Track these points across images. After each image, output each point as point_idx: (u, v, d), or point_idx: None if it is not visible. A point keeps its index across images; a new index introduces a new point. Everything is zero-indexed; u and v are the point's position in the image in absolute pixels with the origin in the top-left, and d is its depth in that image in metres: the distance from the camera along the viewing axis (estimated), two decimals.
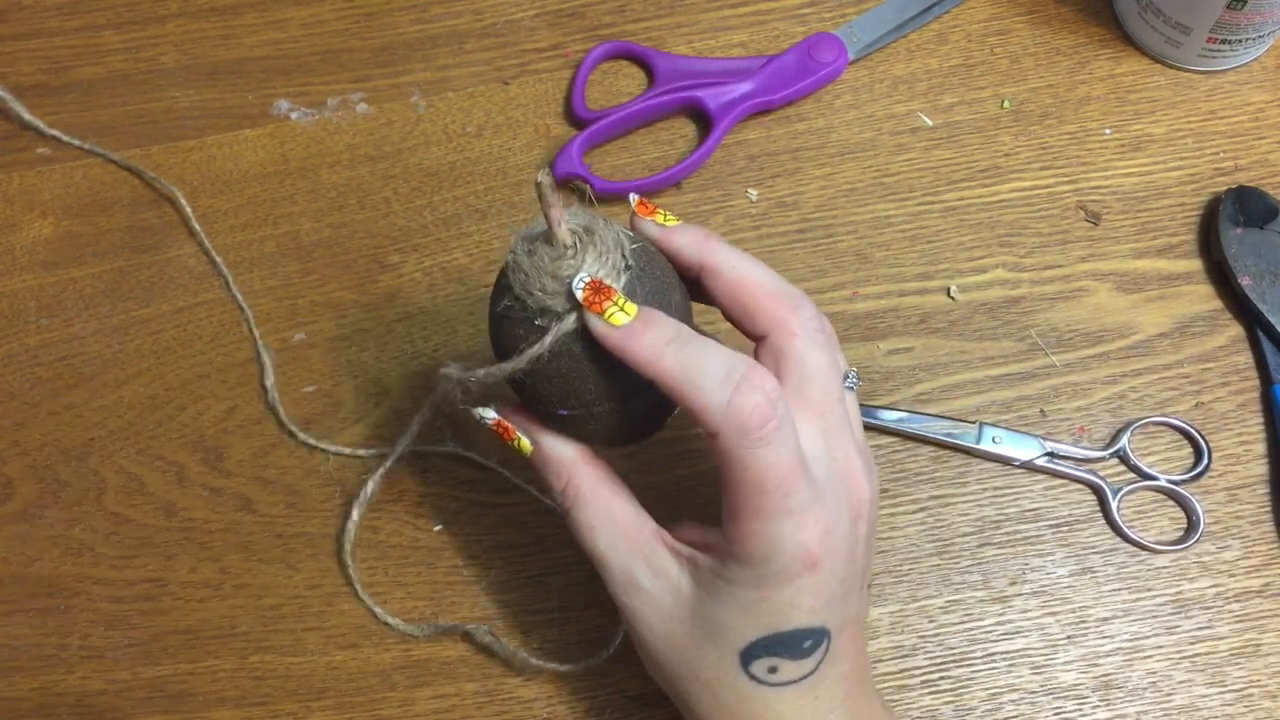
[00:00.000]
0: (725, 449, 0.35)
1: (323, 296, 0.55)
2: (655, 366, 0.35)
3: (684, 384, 0.35)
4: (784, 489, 0.35)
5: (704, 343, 0.36)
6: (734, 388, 0.34)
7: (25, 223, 0.57)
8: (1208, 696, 0.47)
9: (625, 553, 0.39)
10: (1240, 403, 0.51)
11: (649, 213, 0.40)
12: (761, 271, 0.39)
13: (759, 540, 0.35)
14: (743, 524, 0.36)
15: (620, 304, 0.36)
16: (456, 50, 0.60)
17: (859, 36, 0.59)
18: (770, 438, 0.35)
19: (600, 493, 0.40)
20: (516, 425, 0.40)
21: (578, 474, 0.40)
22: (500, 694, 0.48)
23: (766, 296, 0.39)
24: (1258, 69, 0.58)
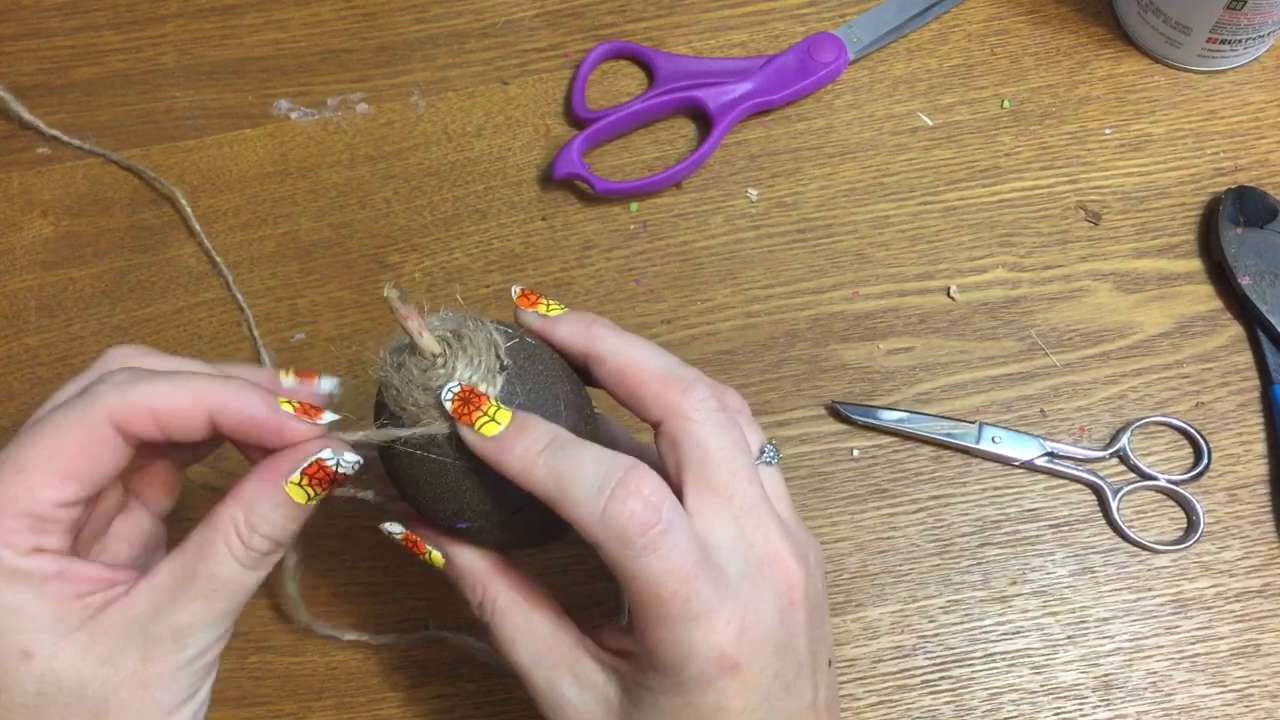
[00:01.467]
0: (610, 560, 0.33)
1: (323, 296, 0.55)
2: (528, 478, 0.34)
3: (557, 495, 0.33)
4: (681, 595, 0.33)
5: (580, 448, 0.34)
6: (608, 496, 0.33)
7: (25, 223, 0.57)
8: (1208, 696, 0.47)
9: (549, 666, 0.37)
10: (1240, 403, 0.51)
11: (531, 304, 0.38)
12: (649, 355, 0.37)
13: (667, 648, 0.33)
14: (648, 633, 0.33)
15: (491, 413, 0.34)
16: (456, 50, 0.60)
17: (859, 36, 0.59)
18: (656, 544, 0.33)
19: (518, 604, 0.37)
20: (425, 539, 0.38)
21: (492, 586, 0.38)
22: (500, 694, 0.48)
23: (655, 381, 0.36)
24: (1258, 69, 0.58)
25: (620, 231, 0.56)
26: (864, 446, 0.51)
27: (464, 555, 0.38)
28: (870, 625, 0.48)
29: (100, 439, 0.34)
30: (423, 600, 0.49)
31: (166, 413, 0.34)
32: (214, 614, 0.35)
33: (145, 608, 0.34)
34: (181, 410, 0.34)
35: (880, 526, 0.50)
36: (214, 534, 0.34)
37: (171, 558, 0.35)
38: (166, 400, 0.34)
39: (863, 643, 0.48)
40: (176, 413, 0.34)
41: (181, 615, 0.34)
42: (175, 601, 0.34)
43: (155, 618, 0.34)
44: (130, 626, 0.34)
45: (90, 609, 0.34)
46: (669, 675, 0.34)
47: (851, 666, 0.47)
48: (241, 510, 0.34)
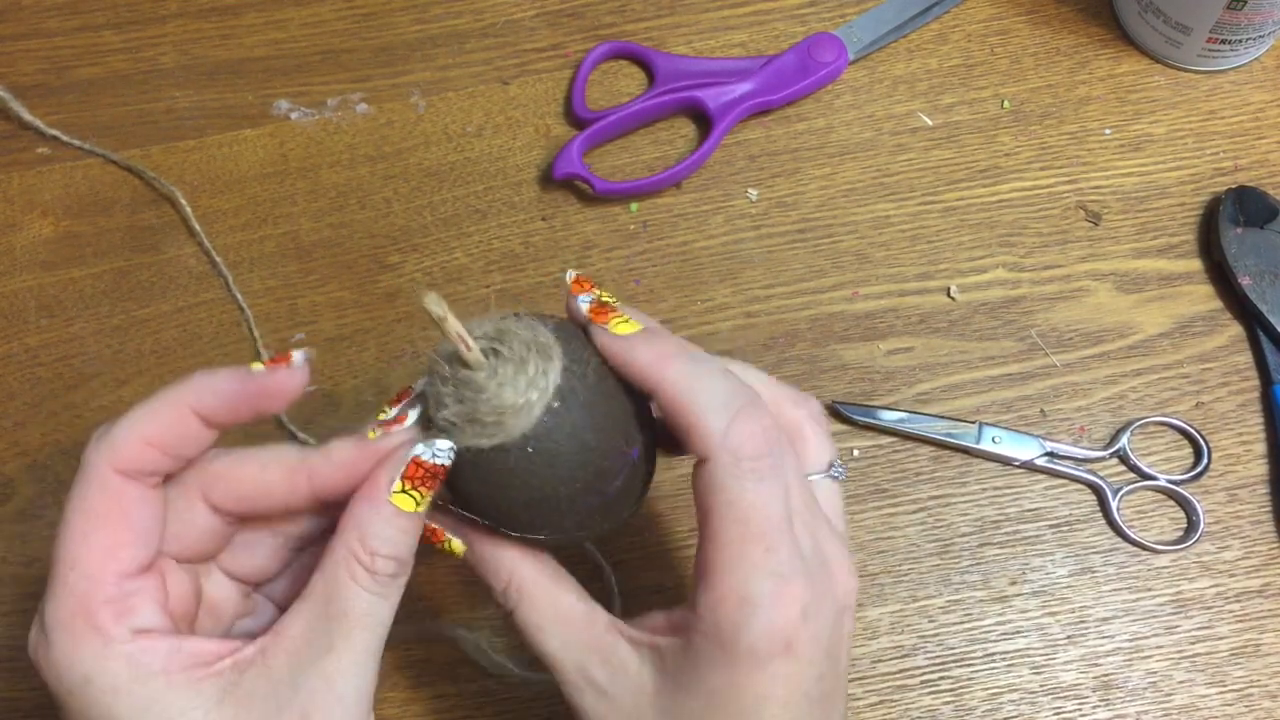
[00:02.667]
0: (714, 479, 0.32)
1: (323, 296, 0.55)
2: (660, 375, 0.33)
3: (684, 397, 0.33)
4: (768, 539, 0.32)
5: (710, 361, 0.34)
6: (735, 410, 0.33)
7: (25, 223, 0.57)
8: (1208, 696, 0.47)
9: (579, 650, 0.35)
10: (1240, 403, 0.51)
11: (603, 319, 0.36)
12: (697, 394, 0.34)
13: (733, 603, 0.32)
14: (721, 580, 0.32)
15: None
16: (456, 50, 0.60)
17: (859, 36, 0.59)
18: (764, 472, 0.32)
19: (546, 589, 0.36)
20: (444, 526, 0.36)
21: (519, 571, 0.36)
22: (500, 694, 0.48)
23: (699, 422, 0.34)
24: (1258, 69, 0.58)
25: (620, 231, 0.56)
26: (864, 446, 0.51)
27: (487, 541, 0.37)
28: (870, 625, 0.48)
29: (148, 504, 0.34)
30: (421, 599, 0.49)
31: (247, 485, 0.34)
32: (359, 653, 0.33)
33: (287, 665, 0.33)
34: (266, 482, 0.35)
35: (880, 526, 0.50)
36: (336, 571, 0.33)
37: (297, 609, 0.33)
38: (245, 472, 0.35)
39: (863, 643, 0.48)
40: (259, 485, 0.35)
41: (330, 663, 0.33)
42: (318, 650, 0.33)
43: (302, 671, 0.32)
44: (278, 686, 0.32)
45: (224, 679, 0.32)
46: (722, 643, 0.32)
47: (852, 666, 0.47)
48: (356, 538, 0.33)
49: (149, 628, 0.33)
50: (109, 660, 0.32)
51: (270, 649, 0.33)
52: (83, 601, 0.32)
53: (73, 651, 0.32)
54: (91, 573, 0.32)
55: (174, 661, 0.32)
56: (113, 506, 0.33)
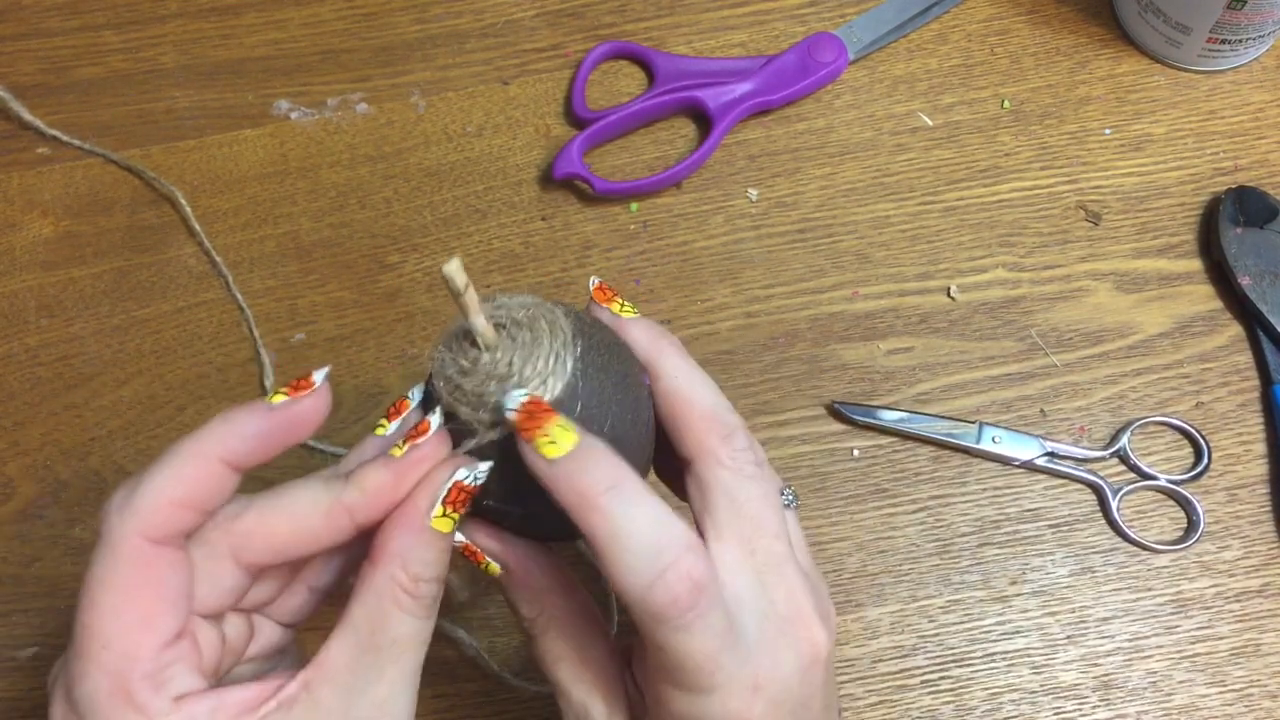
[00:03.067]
0: (639, 624, 0.31)
1: (323, 296, 0.55)
2: (581, 516, 0.31)
3: (605, 546, 0.31)
4: (704, 670, 0.31)
5: (641, 501, 0.31)
6: (659, 573, 0.31)
7: (25, 223, 0.57)
8: (1208, 696, 0.47)
9: (587, 689, 0.35)
10: (1240, 403, 0.51)
11: (606, 300, 0.37)
12: (703, 390, 0.36)
13: (682, 712, 0.32)
14: (663, 696, 0.32)
15: (554, 435, 0.31)
16: (456, 50, 0.60)
17: (859, 36, 0.59)
18: (691, 625, 0.31)
19: (574, 625, 0.36)
20: (484, 547, 0.36)
21: (552, 602, 0.36)
22: (500, 694, 0.48)
23: (700, 419, 0.35)
24: (1258, 69, 0.58)
25: (620, 231, 0.56)
26: (864, 446, 0.51)
27: (526, 569, 0.36)
28: (870, 625, 0.48)
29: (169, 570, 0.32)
30: None
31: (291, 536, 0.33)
32: (407, 676, 0.33)
33: (335, 696, 0.32)
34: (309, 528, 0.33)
35: (880, 526, 0.50)
36: (379, 600, 0.32)
37: (338, 640, 0.33)
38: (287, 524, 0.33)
39: (863, 643, 0.48)
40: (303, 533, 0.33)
41: (379, 690, 0.32)
42: (367, 679, 0.32)
43: (353, 701, 0.32)
44: (330, 717, 0.32)
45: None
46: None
47: (851, 666, 0.47)
48: (399, 566, 0.32)
49: (187, 692, 0.32)
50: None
51: (315, 682, 0.32)
52: (119, 680, 0.31)
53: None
54: (128, 651, 0.31)
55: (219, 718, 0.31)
56: (144, 577, 0.31)
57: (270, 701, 0.32)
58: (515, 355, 0.32)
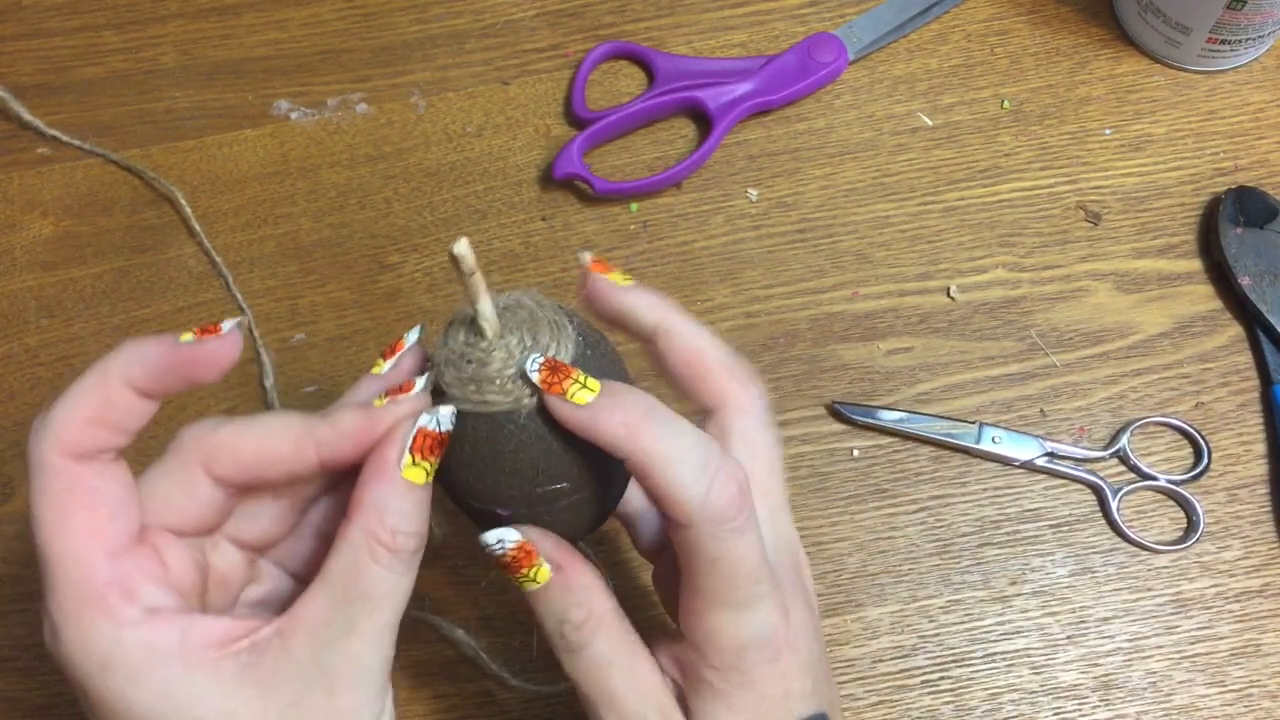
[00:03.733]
0: (697, 541, 0.32)
1: (323, 296, 0.55)
2: (630, 445, 0.32)
3: (659, 467, 0.32)
4: (754, 577, 0.33)
5: (679, 421, 0.33)
6: (712, 476, 0.32)
7: (25, 223, 0.57)
8: (1208, 696, 0.47)
9: (641, 697, 0.35)
10: (1240, 403, 0.51)
11: (604, 270, 0.37)
12: (714, 341, 0.37)
13: (729, 636, 0.33)
14: (709, 622, 0.33)
15: (582, 380, 0.33)
16: (456, 50, 0.60)
17: (859, 36, 0.59)
18: (743, 528, 0.33)
19: (622, 627, 0.35)
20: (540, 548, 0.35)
21: (601, 604, 0.35)
22: (500, 694, 0.48)
23: (720, 369, 0.37)
24: (1258, 69, 0.58)
25: (620, 231, 0.56)
26: (864, 446, 0.51)
27: (582, 569, 0.35)
28: (870, 625, 0.48)
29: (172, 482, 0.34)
30: (419, 599, 0.49)
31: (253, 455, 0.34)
32: (382, 630, 0.33)
33: (308, 646, 0.32)
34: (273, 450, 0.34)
35: (880, 526, 0.50)
36: (356, 553, 0.33)
37: (314, 592, 0.33)
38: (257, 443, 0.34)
39: (863, 643, 0.48)
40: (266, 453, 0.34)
41: (354, 642, 0.33)
42: (340, 630, 0.32)
43: (324, 651, 0.32)
44: (300, 667, 0.32)
45: (242, 660, 0.32)
46: (733, 668, 0.34)
47: (851, 666, 0.47)
48: (375, 518, 0.33)
49: (158, 606, 0.32)
50: (124, 644, 0.31)
51: (288, 631, 0.33)
52: (83, 588, 0.32)
53: (86, 639, 0.31)
54: (79, 559, 0.32)
55: (188, 642, 0.32)
56: (76, 490, 0.32)
57: (243, 640, 0.32)
58: (523, 333, 0.33)
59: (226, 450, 0.34)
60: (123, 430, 0.33)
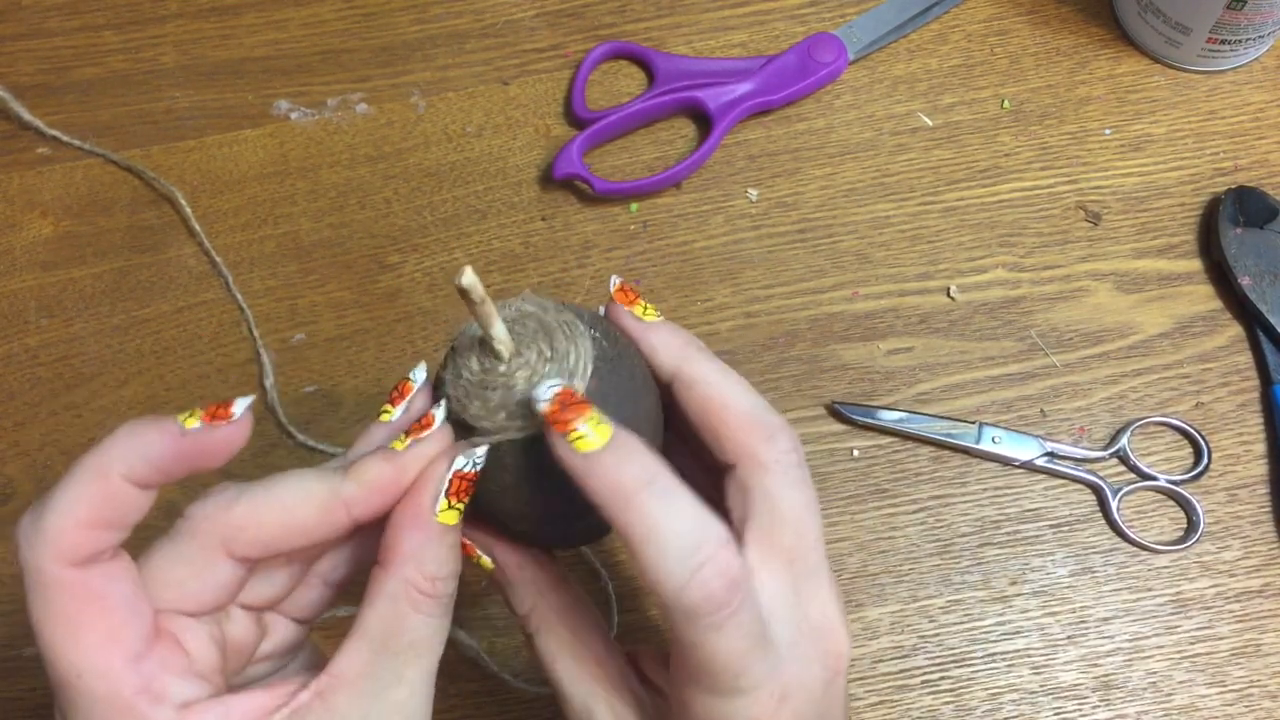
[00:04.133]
0: (674, 627, 0.30)
1: (323, 296, 0.55)
2: (616, 512, 0.30)
3: (641, 543, 0.30)
4: (732, 671, 0.31)
5: (679, 496, 0.30)
6: (696, 568, 0.29)
7: (25, 223, 0.57)
8: (1208, 696, 0.47)
9: (588, 690, 0.34)
10: (1240, 403, 0.51)
11: (629, 302, 0.35)
12: (740, 391, 0.35)
13: (705, 714, 0.31)
14: (689, 696, 0.32)
15: (591, 425, 0.30)
16: (456, 50, 0.60)
17: (859, 36, 0.59)
18: (723, 624, 0.30)
19: (569, 622, 0.35)
20: (475, 542, 0.35)
21: (544, 600, 0.35)
22: (500, 694, 0.48)
23: (741, 421, 0.34)
24: (1258, 69, 0.58)
25: (620, 231, 0.56)
26: (864, 446, 0.51)
27: (518, 565, 0.35)
28: (870, 625, 0.48)
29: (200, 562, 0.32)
30: None
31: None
32: (425, 676, 0.32)
33: (351, 703, 0.31)
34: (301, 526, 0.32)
35: (880, 526, 0.50)
36: (394, 604, 0.31)
37: (352, 647, 0.31)
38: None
39: (863, 643, 0.48)
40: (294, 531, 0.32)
41: (398, 693, 0.31)
42: (385, 683, 0.31)
43: (372, 705, 0.31)
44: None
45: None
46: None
47: (851, 667, 0.47)
48: (414, 568, 0.31)
49: (189, 700, 0.31)
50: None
51: (329, 691, 0.31)
52: (112, 703, 0.29)
53: None
54: (102, 670, 0.29)
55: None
56: (83, 600, 0.30)
57: (283, 709, 0.31)
58: (535, 357, 0.32)
59: (248, 529, 0.31)
60: (123, 526, 0.31)
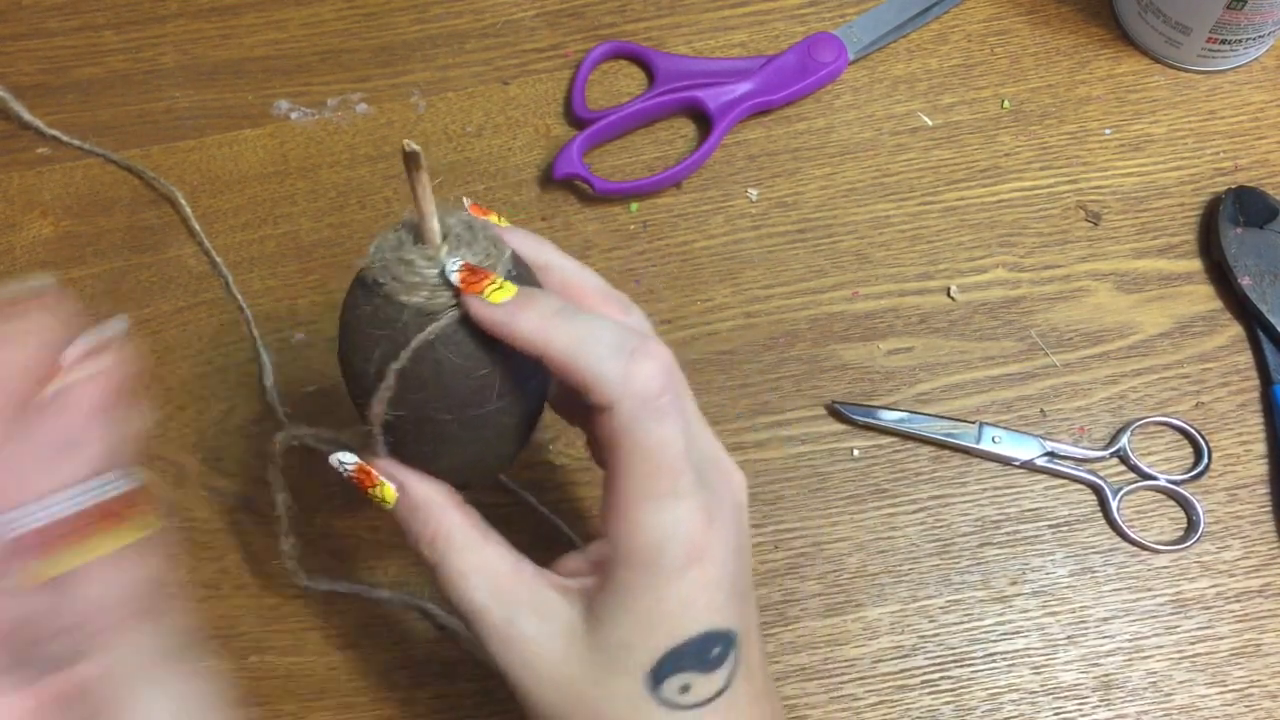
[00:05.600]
0: (620, 424, 0.33)
1: (323, 296, 0.55)
2: (541, 338, 0.33)
3: (576, 356, 0.33)
4: (674, 470, 0.33)
5: (591, 314, 0.35)
6: (629, 354, 0.33)
7: (25, 223, 0.57)
8: (1208, 696, 0.47)
9: (507, 602, 0.35)
10: (1240, 403, 0.51)
11: (483, 213, 0.39)
12: (590, 274, 0.39)
13: (650, 529, 0.34)
14: (632, 513, 0.34)
15: (498, 284, 0.34)
16: (456, 50, 0.60)
17: (859, 36, 0.59)
18: (667, 410, 0.33)
19: (473, 539, 0.36)
20: (381, 471, 0.37)
21: (448, 518, 0.37)
22: (500, 694, 0.48)
23: (598, 296, 0.38)
24: (1258, 69, 0.58)
25: (620, 231, 0.56)
26: (864, 446, 0.51)
27: (421, 486, 0.37)
28: (870, 625, 0.48)
29: None
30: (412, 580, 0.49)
31: None
32: None
33: None
34: None
35: (880, 526, 0.50)
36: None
37: None
38: None
39: (863, 643, 0.48)
40: None
41: None
42: None
43: None
44: None
45: None
46: (642, 567, 0.34)
47: (851, 666, 0.47)
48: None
49: None
50: None
51: None
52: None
53: None
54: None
55: None
56: None
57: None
58: (460, 247, 0.35)
59: None
60: None
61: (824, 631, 0.48)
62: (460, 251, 0.35)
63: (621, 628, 0.34)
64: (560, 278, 0.38)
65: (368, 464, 0.37)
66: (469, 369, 0.35)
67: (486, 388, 0.35)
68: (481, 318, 0.34)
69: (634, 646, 0.34)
